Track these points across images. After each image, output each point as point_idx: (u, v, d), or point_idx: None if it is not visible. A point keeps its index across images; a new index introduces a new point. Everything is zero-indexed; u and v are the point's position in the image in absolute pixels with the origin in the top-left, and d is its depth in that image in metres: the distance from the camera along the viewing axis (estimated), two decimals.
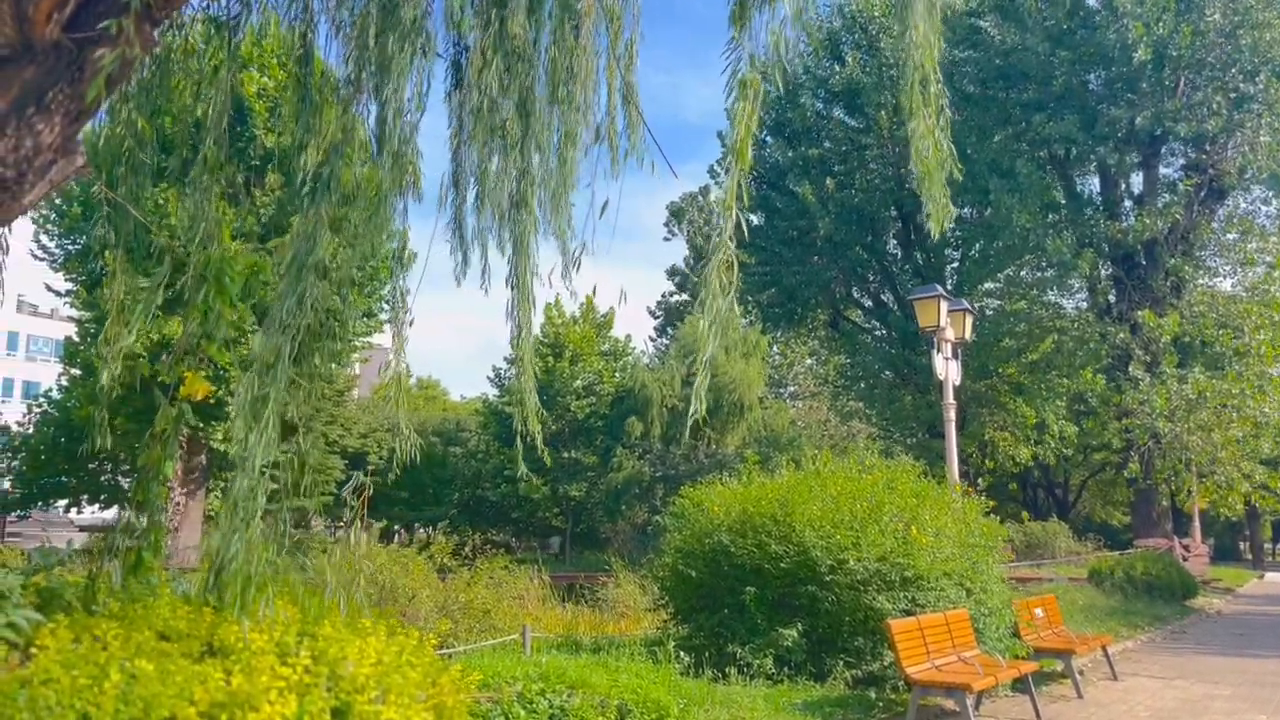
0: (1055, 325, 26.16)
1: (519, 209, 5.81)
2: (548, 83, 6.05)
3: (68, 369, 36.27)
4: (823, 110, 30.87)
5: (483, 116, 5.89)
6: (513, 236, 5.72)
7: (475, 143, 6.01)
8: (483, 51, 6.03)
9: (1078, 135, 21.02)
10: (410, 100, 6.02)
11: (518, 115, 5.83)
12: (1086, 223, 23.31)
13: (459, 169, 6.20)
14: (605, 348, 43.32)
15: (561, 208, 6.10)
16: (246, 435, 4.02)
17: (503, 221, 5.84)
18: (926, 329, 13.08)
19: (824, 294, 32.75)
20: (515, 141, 6.16)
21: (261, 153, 29.53)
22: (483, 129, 5.99)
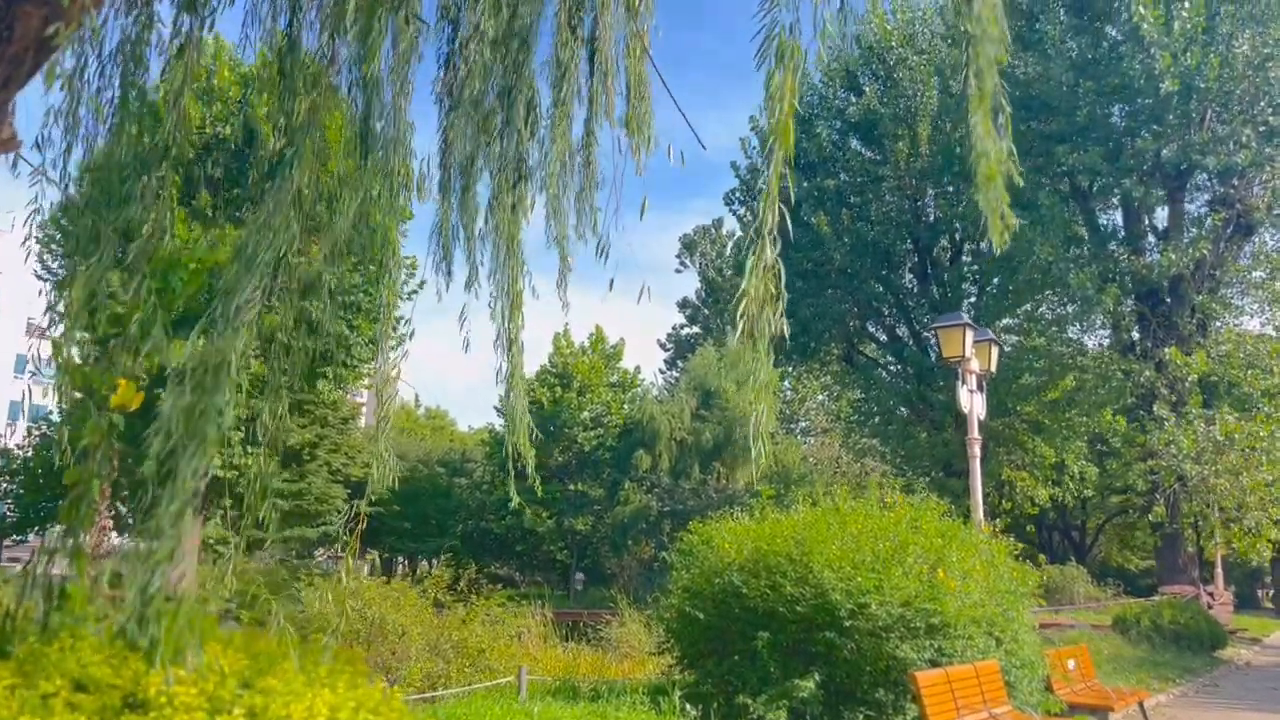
0: (1076, 363, 25.49)
1: (513, 210, 5.29)
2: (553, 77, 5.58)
3: (70, 392, 35.86)
4: (839, 141, 30.47)
5: (468, 106, 5.39)
6: (502, 237, 5.18)
7: (460, 137, 5.51)
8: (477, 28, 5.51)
9: (1102, 167, 20.49)
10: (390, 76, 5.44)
11: (503, 104, 5.30)
12: (1109, 257, 22.72)
13: (446, 169, 5.70)
14: (614, 379, 42.77)
15: (560, 211, 5.59)
16: (171, 451, 3.44)
17: (494, 217, 5.30)
18: (950, 359, 12.48)
19: (838, 327, 32.17)
20: (495, 133, 5.62)
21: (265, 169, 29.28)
22: (471, 123, 5.50)
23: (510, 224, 5.26)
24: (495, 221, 5.39)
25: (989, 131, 3.79)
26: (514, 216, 5.25)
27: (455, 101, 5.72)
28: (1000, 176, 3.72)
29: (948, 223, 29.95)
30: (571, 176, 5.68)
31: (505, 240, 5.28)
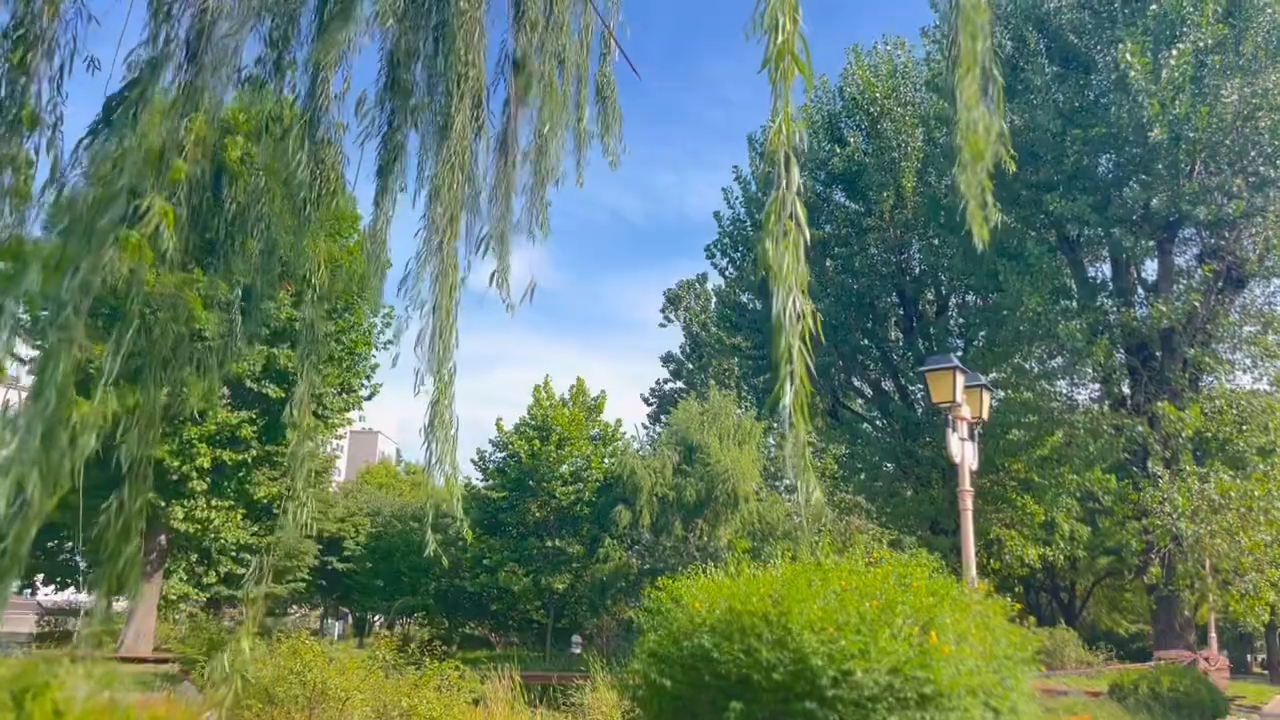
0: (1066, 418, 24.87)
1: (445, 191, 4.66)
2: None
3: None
4: (822, 192, 30.16)
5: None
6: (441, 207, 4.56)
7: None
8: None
9: (1090, 216, 20.09)
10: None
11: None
12: (1099, 310, 22.25)
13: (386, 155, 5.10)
14: (595, 432, 41.92)
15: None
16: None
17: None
18: (940, 404, 11.79)
19: (822, 381, 31.56)
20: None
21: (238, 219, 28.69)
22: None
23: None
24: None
25: (976, 100, 3.19)
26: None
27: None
28: (987, 156, 3.12)
29: (933, 275, 29.56)
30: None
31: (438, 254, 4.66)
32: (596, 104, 5.47)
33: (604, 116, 5.33)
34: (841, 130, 29.72)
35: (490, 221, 5.08)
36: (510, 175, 5.04)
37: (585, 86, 5.20)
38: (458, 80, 4.87)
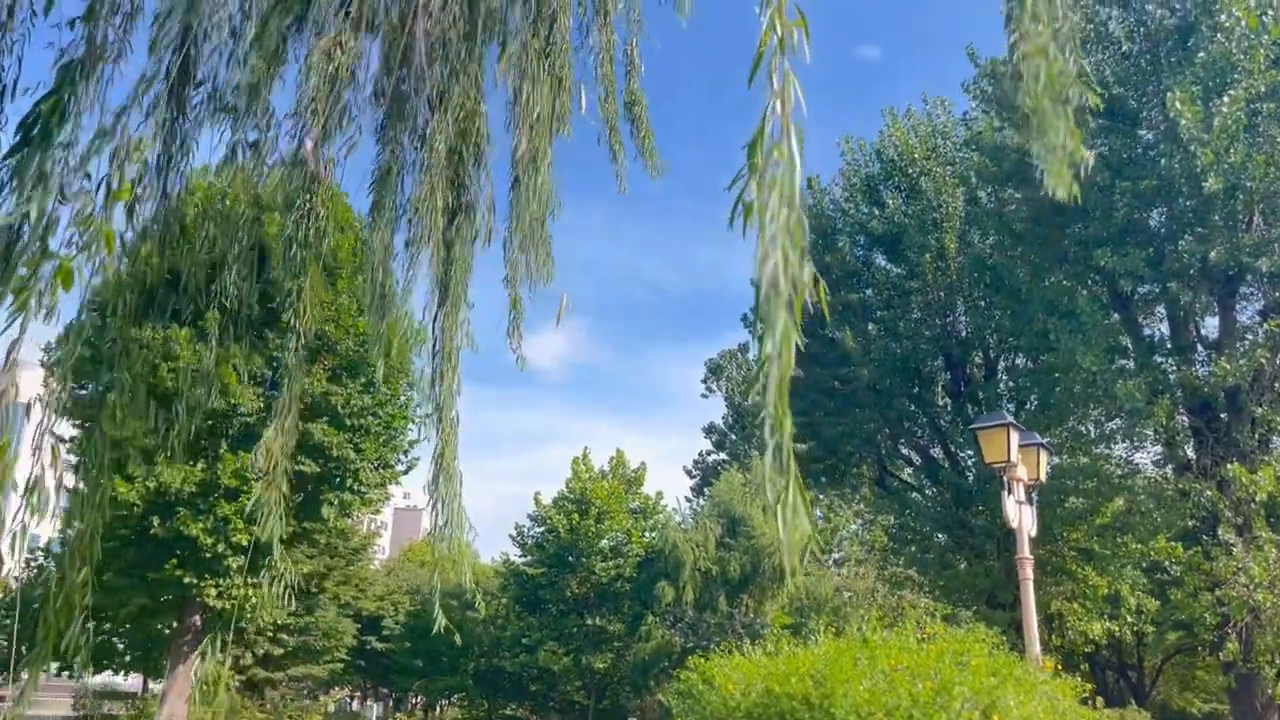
0: (1127, 483, 23.84)
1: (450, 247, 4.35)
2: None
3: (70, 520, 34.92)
4: (862, 256, 29.81)
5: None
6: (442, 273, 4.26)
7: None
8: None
9: (1145, 271, 19.47)
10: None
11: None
12: (1157, 369, 21.42)
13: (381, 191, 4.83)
14: (635, 505, 41.28)
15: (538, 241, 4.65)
16: None
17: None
18: (994, 465, 11.17)
19: (868, 448, 30.81)
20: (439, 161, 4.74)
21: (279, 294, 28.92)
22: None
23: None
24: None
25: (1039, 49, 2.79)
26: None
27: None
28: (1062, 104, 2.69)
29: (980, 337, 28.90)
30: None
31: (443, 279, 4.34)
32: (626, 120, 5.27)
33: (636, 134, 5.10)
34: (880, 193, 29.46)
35: (505, 268, 4.78)
36: (523, 221, 4.75)
37: (612, 102, 4.96)
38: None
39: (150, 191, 4.51)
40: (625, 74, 5.48)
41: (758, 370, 2.27)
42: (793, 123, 2.26)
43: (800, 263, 2.22)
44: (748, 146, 2.27)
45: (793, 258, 2.21)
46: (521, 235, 4.91)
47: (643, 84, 5.53)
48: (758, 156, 2.24)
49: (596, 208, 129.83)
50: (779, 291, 2.19)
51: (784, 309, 2.20)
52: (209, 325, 25.58)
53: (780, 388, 2.21)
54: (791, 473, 2.21)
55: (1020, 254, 23.27)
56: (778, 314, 2.20)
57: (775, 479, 2.22)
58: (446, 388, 4.57)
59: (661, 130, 6.70)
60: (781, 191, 2.23)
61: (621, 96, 5.48)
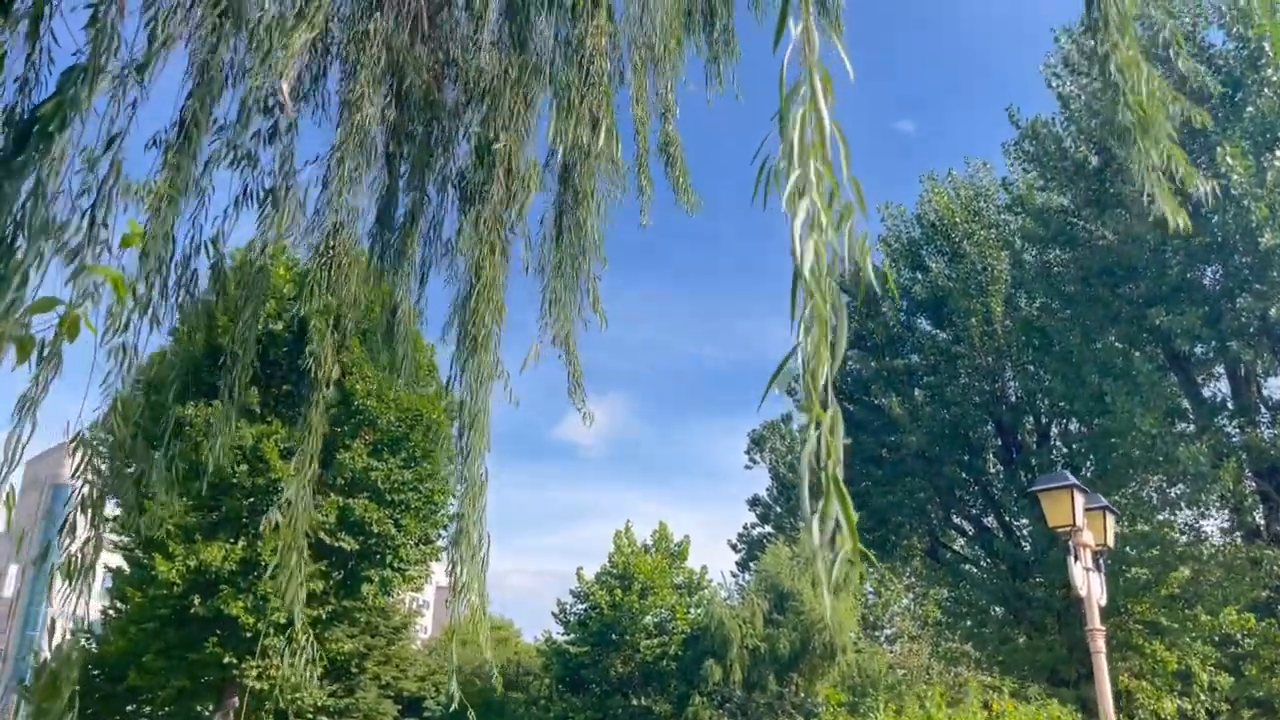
0: (1192, 552, 23.02)
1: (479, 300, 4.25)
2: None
3: (112, 601, 35.04)
4: (906, 321, 29.54)
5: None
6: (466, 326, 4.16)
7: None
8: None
9: (1202, 330, 19.03)
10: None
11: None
12: (1219, 431, 20.81)
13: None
14: (679, 580, 40.61)
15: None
16: None
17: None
18: (1058, 529, 10.74)
19: (919, 518, 30.13)
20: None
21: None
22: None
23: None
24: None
25: (1136, 60, 2.68)
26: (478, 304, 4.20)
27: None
28: (1162, 120, 2.57)
29: (1031, 402, 28.38)
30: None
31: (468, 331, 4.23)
32: (660, 158, 5.23)
33: (671, 173, 5.04)
34: (922, 257, 29.33)
35: (552, 326, 4.67)
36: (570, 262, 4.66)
37: (644, 139, 4.92)
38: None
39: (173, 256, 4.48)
40: (660, 116, 5.46)
41: (786, 359, 2.08)
42: (820, 81, 2.07)
43: (846, 237, 2.02)
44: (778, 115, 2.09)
45: (831, 233, 2.01)
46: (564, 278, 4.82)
47: (678, 127, 5.54)
48: (790, 120, 2.03)
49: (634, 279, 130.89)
50: (818, 270, 1.99)
51: (823, 290, 1.99)
52: (251, 401, 25.88)
53: (819, 378, 2.00)
54: (833, 479, 2.01)
55: (1070, 316, 22.91)
56: (817, 297, 1.99)
57: (817, 453, 2.01)
58: (475, 435, 4.42)
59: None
60: (815, 158, 2.03)
61: (656, 137, 5.45)
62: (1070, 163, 22.55)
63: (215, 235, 4.68)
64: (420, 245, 5.29)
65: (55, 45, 3.59)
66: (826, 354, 2.05)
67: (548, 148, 4.97)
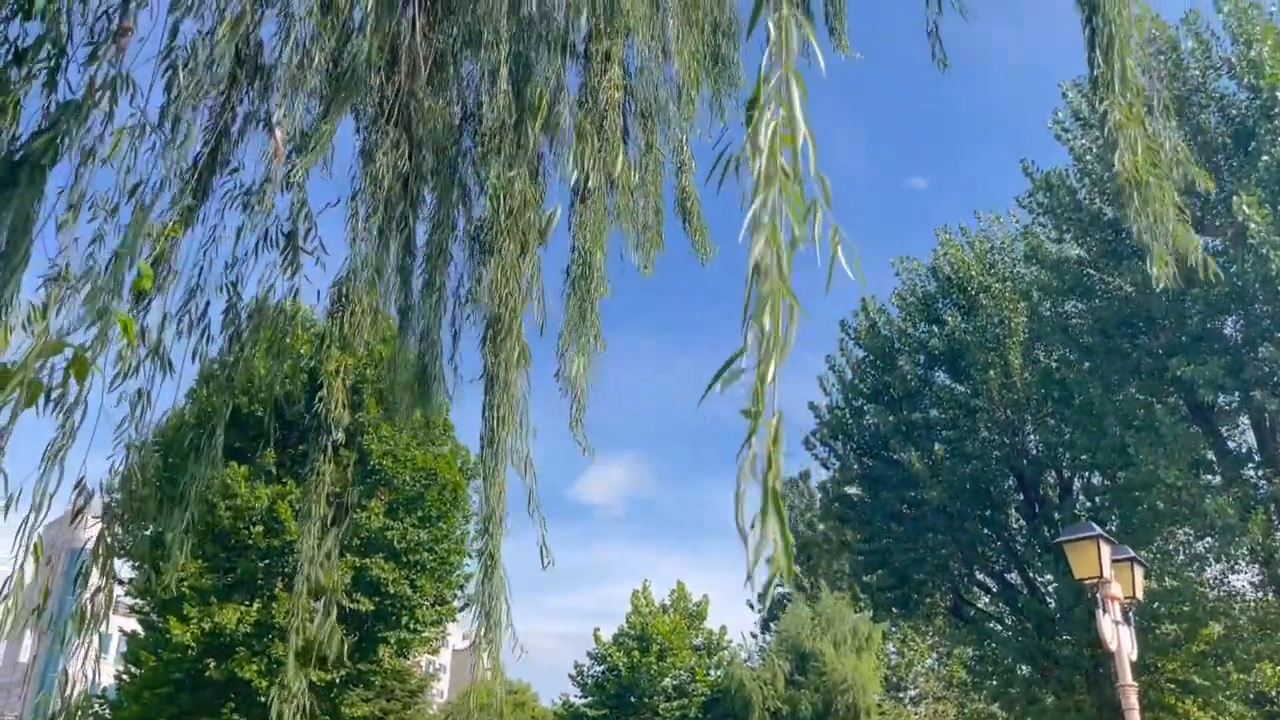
0: (1223, 607, 22.55)
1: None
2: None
3: (126, 665, 34.77)
4: (924, 375, 29.40)
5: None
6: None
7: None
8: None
9: (1225, 380, 18.84)
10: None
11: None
12: (1246, 483, 20.51)
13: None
14: (698, 641, 40.04)
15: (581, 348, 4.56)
16: None
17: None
18: (1085, 580, 10.51)
19: (942, 575, 29.69)
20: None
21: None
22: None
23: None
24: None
25: (1135, 118, 2.67)
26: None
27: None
28: (1165, 181, 2.57)
29: (1052, 456, 28.09)
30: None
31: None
32: (677, 215, 5.24)
33: (690, 228, 5.05)
34: (938, 310, 29.31)
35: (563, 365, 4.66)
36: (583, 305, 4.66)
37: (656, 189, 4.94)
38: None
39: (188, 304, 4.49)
40: (677, 171, 5.50)
41: (733, 357, 1.89)
42: (794, 72, 1.98)
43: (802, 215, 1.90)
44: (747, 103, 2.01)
45: (797, 227, 1.89)
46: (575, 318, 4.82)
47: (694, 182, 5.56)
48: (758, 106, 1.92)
49: (648, 340, 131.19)
50: (774, 264, 1.86)
51: (776, 285, 1.86)
52: (266, 462, 25.79)
53: (765, 378, 1.87)
54: (772, 493, 1.89)
55: (1090, 368, 22.76)
56: (770, 289, 1.86)
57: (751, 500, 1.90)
58: (495, 481, 4.39)
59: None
60: (779, 153, 1.93)
61: (673, 192, 5.48)
62: (1085, 214, 22.59)
63: (235, 279, 4.71)
64: (438, 296, 5.31)
65: (69, 93, 3.66)
66: (776, 354, 1.90)
67: (564, 197, 5.02)
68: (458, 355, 5.85)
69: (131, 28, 3.64)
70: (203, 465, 4.66)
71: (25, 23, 3.67)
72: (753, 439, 1.91)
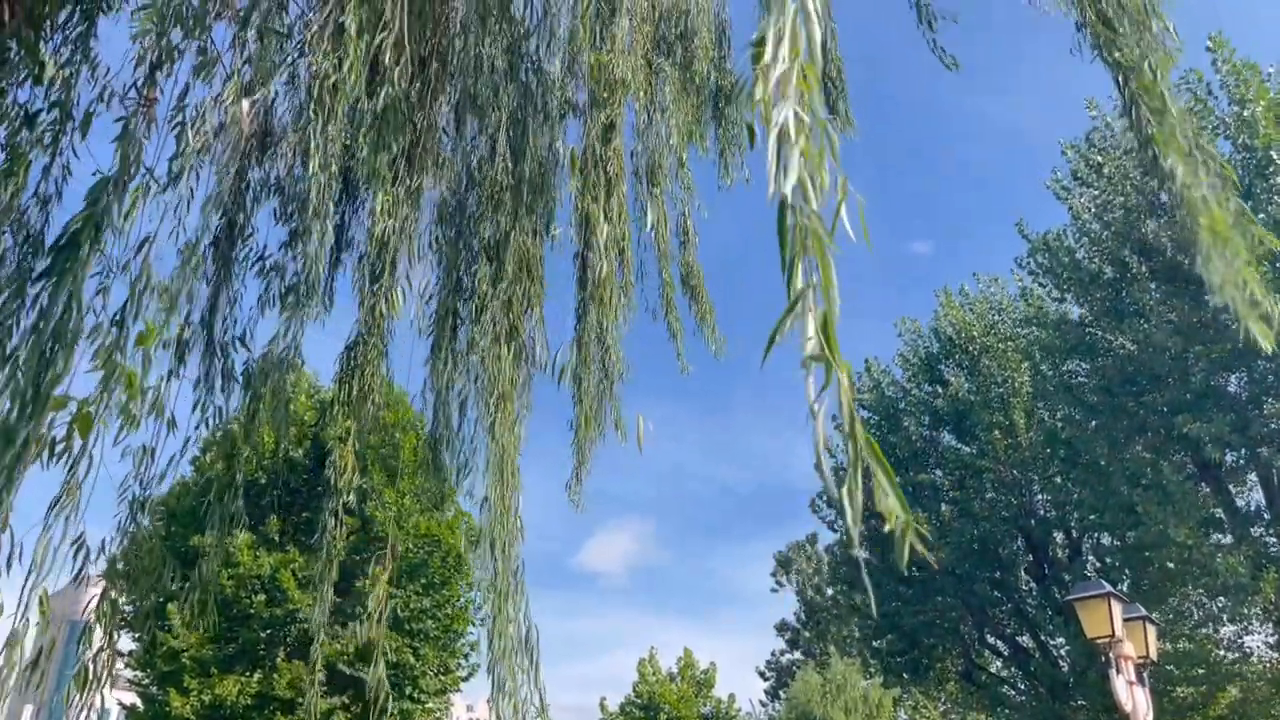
0: (1238, 669, 22.18)
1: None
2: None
3: None
4: (929, 435, 29.33)
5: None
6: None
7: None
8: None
9: (1232, 437, 18.77)
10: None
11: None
12: (1257, 541, 20.31)
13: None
14: (707, 709, 39.33)
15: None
16: None
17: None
18: (1097, 640, 10.34)
19: (953, 638, 29.28)
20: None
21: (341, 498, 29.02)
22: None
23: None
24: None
25: (1191, 174, 2.71)
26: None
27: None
28: (1238, 239, 2.59)
29: (1060, 516, 27.89)
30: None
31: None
32: (683, 295, 5.24)
33: (695, 308, 5.05)
34: (942, 371, 29.34)
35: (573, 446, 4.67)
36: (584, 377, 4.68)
37: (668, 273, 4.94)
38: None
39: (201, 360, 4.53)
40: (680, 245, 5.51)
41: (791, 307, 1.65)
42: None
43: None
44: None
45: (816, 160, 1.67)
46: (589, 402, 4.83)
47: (699, 257, 5.56)
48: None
49: (653, 405, 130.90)
50: (806, 205, 1.62)
51: (816, 228, 1.62)
52: (270, 530, 25.66)
53: (828, 328, 1.62)
54: (865, 440, 1.68)
55: (1095, 427, 22.70)
56: (813, 222, 1.62)
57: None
58: (503, 534, 4.36)
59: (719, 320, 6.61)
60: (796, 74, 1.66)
61: (677, 269, 5.47)
62: (1084, 273, 22.74)
63: (242, 334, 4.75)
64: (442, 359, 5.34)
65: (74, 158, 3.74)
66: (835, 292, 1.69)
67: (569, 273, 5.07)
68: (464, 425, 5.86)
69: (157, 98, 3.75)
70: (214, 531, 4.66)
71: (35, 87, 3.78)
72: (822, 393, 1.69)
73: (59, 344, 3.05)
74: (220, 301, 4.70)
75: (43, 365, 2.99)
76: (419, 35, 4.72)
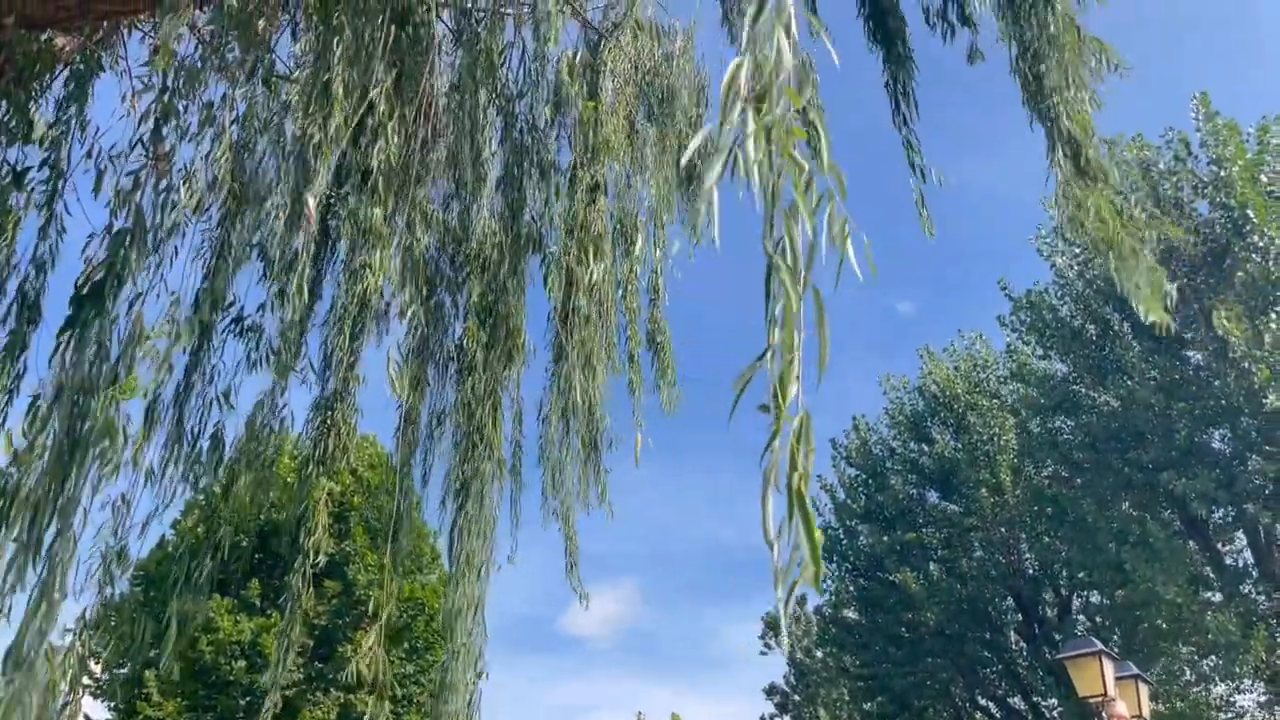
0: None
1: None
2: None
3: None
4: (915, 493, 29.23)
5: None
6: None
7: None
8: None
9: (1218, 494, 18.77)
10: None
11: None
12: (1246, 598, 20.21)
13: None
14: None
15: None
16: None
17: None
18: (1090, 699, 10.19)
19: (943, 700, 28.86)
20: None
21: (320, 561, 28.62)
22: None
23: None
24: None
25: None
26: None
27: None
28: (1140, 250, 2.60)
29: (1049, 574, 27.71)
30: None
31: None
32: (649, 351, 5.22)
33: (658, 363, 5.03)
34: (927, 429, 29.31)
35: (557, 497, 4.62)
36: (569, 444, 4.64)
37: (635, 327, 4.93)
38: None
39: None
40: (650, 302, 5.51)
41: (758, 359, 1.64)
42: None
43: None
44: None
45: (808, 219, 1.63)
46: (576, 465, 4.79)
47: (666, 313, 5.55)
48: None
49: (637, 465, 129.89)
50: (792, 257, 1.62)
51: (796, 278, 1.62)
52: (251, 594, 25.23)
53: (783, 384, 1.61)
54: (798, 495, 1.67)
55: (1082, 484, 22.69)
56: (787, 282, 1.60)
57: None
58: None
59: (699, 374, 6.56)
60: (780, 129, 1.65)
61: (644, 326, 5.45)
62: (1067, 330, 22.91)
63: (226, 390, 4.72)
64: (419, 419, 5.30)
65: (67, 215, 3.75)
66: (795, 348, 1.70)
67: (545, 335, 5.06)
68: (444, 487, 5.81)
69: (168, 154, 3.78)
70: (190, 598, 4.56)
71: (25, 146, 3.80)
72: (774, 441, 1.72)
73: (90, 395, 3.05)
74: (201, 359, 4.67)
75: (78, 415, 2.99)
76: (409, 95, 4.77)
